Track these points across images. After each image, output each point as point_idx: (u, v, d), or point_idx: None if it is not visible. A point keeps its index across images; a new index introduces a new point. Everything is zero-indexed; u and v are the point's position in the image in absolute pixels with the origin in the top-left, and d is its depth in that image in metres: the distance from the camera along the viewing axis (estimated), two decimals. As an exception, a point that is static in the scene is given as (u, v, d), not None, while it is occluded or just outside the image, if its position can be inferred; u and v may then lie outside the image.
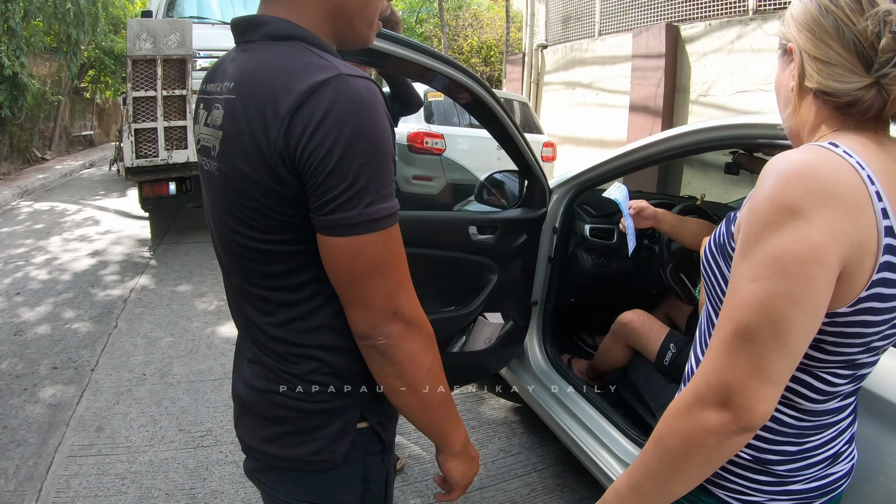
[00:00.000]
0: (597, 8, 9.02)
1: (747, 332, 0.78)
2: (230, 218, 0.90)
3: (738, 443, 0.81)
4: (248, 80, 0.85)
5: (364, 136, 0.79)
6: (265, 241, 0.89)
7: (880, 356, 0.92)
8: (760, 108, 6.08)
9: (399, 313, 0.88)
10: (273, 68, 0.83)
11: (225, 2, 6.94)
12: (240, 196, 0.86)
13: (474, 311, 2.09)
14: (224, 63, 0.97)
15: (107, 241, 6.32)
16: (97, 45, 13.62)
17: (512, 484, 2.52)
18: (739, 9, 6.65)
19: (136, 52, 5.12)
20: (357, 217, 0.80)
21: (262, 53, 0.87)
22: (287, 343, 0.95)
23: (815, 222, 0.75)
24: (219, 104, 0.90)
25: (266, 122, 0.80)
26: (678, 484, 0.88)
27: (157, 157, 5.38)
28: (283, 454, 0.99)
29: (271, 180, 0.82)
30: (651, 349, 2.26)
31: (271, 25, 0.89)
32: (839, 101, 0.84)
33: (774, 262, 0.77)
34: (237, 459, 2.60)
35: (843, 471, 0.99)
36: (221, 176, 0.89)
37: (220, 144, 0.87)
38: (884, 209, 0.78)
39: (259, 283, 0.95)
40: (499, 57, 14.92)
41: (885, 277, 0.79)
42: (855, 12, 0.81)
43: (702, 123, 1.89)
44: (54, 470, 2.54)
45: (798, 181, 0.77)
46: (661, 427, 0.87)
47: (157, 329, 4.05)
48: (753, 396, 0.78)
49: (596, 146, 8.62)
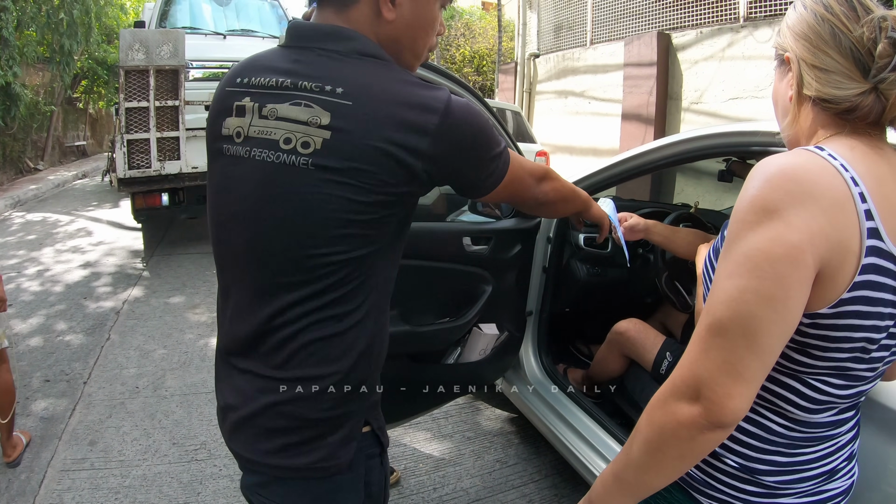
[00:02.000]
0: (588, 17, 9.06)
1: (719, 328, 0.79)
2: (315, 208, 0.93)
3: (711, 439, 0.81)
4: (367, 94, 0.92)
5: (486, 130, 1.02)
6: (343, 238, 0.94)
7: (879, 370, 0.91)
8: (753, 115, 6.11)
9: (544, 178, 1.27)
10: (390, 88, 0.94)
11: (217, 13, 6.94)
12: (346, 189, 0.91)
13: (469, 322, 2.08)
14: (273, 61, 1.00)
15: (99, 253, 6.30)
16: (90, 55, 13.58)
17: (509, 495, 2.51)
18: (730, 16, 6.69)
19: (128, 63, 5.11)
20: (500, 171, 1.08)
21: (367, 70, 0.96)
22: (307, 349, 0.97)
23: (791, 221, 0.76)
24: (305, 102, 0.93)
25: (405, 137, 0.92)
26: (655, 475, 0.88)
27: (149, 168, 5.37)
28: (290, 464, 0.99)
29: (403, 181, 0.94)
30: (647, 358, 2.26)
31: (360, 42, 0.97)
32: (838, 107, 0.85)
33: (747, 260, 0.78)
34: (231, 473, 2.58)
35: (840, 488, 0.98)
36: (320, 170, 0.92)
37: (324, 143, 0.91)
38: (867, 210, 0.78)
39: (299, 286, 0.96)
40: (491, 66, 14.96)
41: (870, 280, 0.79)
42: (850, 19, 0.82)
43: (695, 131, 1.89)
44: (47, 484, 2.51)
45: (777, 182, 0.78)
46: (641, 417, 0.89)
47: (150, 341, 4.03)
48: (723, 392, 0.78)
49: (589, 155, 8.64)
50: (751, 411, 0.93)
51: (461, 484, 2.57)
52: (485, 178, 1.06)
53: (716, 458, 0.96)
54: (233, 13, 7.02)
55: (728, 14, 6.70)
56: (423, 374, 2.12)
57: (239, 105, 1.00)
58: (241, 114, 0.99)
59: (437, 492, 2.51)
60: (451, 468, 2.68)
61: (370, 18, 0.98)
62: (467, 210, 2.45)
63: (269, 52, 1.03)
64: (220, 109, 1.03)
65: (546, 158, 7.45)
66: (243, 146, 0.98)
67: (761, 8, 6.34)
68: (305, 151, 0.92)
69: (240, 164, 0.99)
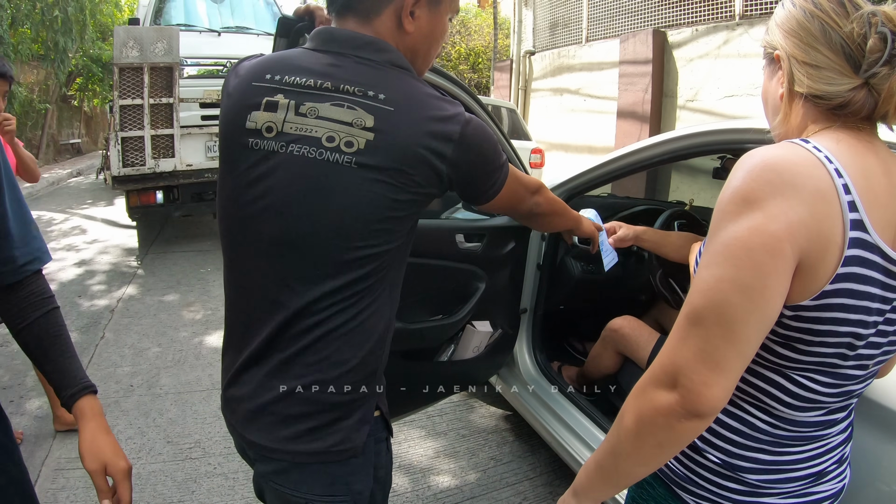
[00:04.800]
0: (584, 14, 9.07)
1: (697, 317, 0.80)
2: (357, 203, 0.99)
3: (689, 428, 0.81)
4: (406, 102, 1.01)
5: (494, 144, 1.11)
6: (380, 232, 1.01)
7: (870, 370, 0.90)
8: (748, 112, 6.11)
9: (538, 192, 1.36)
10: (423, 99, 1.02)
11: (212, 10, 6.93)
12: (386, 188, 0.99)
13: (462, 319, 2.07)
14: (308, 63, 1.04)
15: (94, 251, 6.28)
16: (85, 52, 13.56)
17: (503, 493, 2.51)
18: (726, 14, 6.70)
19: (122, 60, 5.10)
20: (502, 180, 1.16)
21: (402, 80, 1.04)
22: (331, 336, 1.03)
23: (771, 212, 0.76)
24: (349, 104, 0.99)
25: (435, 143, 1.00)
26: (635, 462, 0.88)
27: (144, 166, 5.36)
28: (308, 449, 1.04)
29: (431, 183, 1.02)
30: (641, 355, 2.26)
31: (394, 55, 1.05)
32: (830, 103, 0.85)
33: (725, 249, 0.79)
34: (226, 472, 2.58)
35: (828, 491, 0.97)
36: (363, 169, 0.98)
37: (367, 143, 0.98)
38: (851, 202, 0.78)
39: (340, 273, 1.01)
40: (487, 64, 14.97)
41: (855, 272, 0.79)
42: (840, 16, 0.83)
43: (691, 128, 1.89)
44: (41, 483, 2.51)
45: (759, 173, 0.79)
46: (623, 405, 0.89)
47: (144, 339, 4.02)
48: (699, 380, 0.78)
49: (584, 152, 8.65)
50: (733, 405, 0.93)
51: (455, 481, 2.57)
52: (489, 186, 1.14)
53: (698, 453, 0.96)
54: (227, 10, 7.01)
55: (724, 12, 6.72)
56: (416, 371, 2.11)
57: (270, 101, 1.03)
58: (273, 109, 1.02)
59: (431, 489, 2.51)
60: (446, 465, 2.68)
61: (392, 30, 1.05)
62: (461, 207, 2.44)
63: (298, 53, 1.08)
64: (244, 103, 1.05)
65: (541, 155, 7.45)
66: (276, 141, 1.01)
67: (757, 6, 6.35)
68: (349, 150, 0.98)
69: (272, 158, 1.02)
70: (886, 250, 0.80)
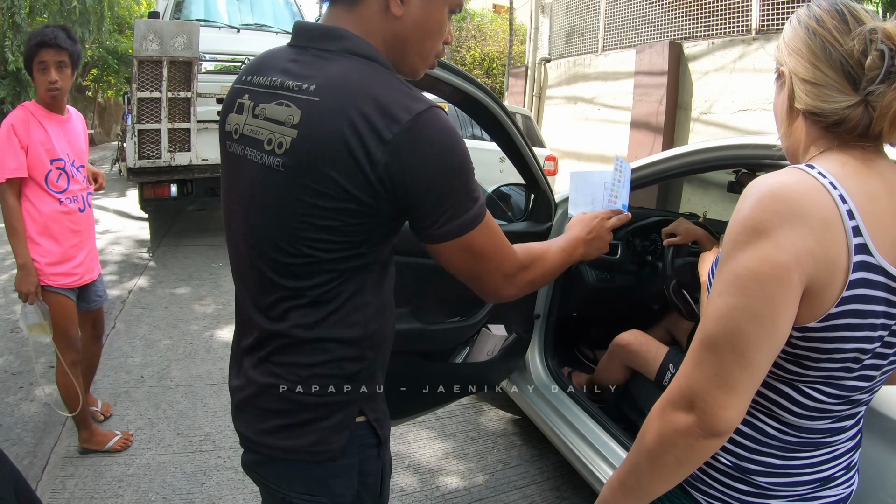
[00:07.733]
0: (600, 24, 9.08)
1: (711, 343, 0.84)
2: (284, 211, 0.93)
3: (707, 446, 0.86)
4: (336, 90, 0.90)
5: (459, 158, 0.92)
6: (315, 241, 0.93)
7: (877, 380, 0.92)
8: (762, 127, 6.12)
9: (521, 271, 1.08)
10: (364, 86, 0.90)
11: (232, 6, 6.97)
12: (307, 192, 0.90)
13: (478, 322, 2.09)
14: (277, 60, 1.01)
15: (105, 241, 6.30)
16: (101, 44, 13.63)
17: (511, 496, 2.52)
18: (743, 28, 6.71)
19: (142, 53, 5.12)
20: (465, 220, 0.94)
21: (346, 67, 0.93)
22: (302, 337, 1.00)
23: (779, 241, 0.79)
24: (286, 101, 0.93)
25: (364, 140, 0.86)
26: (656, 480, 0.93)
27: (159, 159, 5.38)
28: (283, 445, 1.04)
29: (360, 189, 0.88)
30: (650, 369, 2.26)
31: (352, 42, 0.95)
32: (827, 120, 0.87)
33: (736, 279, 0.82)
34: (235, 465, 2.59)
35: (836, 496, 0.99)
36: (288, 172, 0.91)
37: (292, 142, 0.91)
38: (855, 227, 0.80)
39: (290, 279, 0.98)
40: (501, 69, 14.99)
41: (860, 294, 0.81)
42: (841, 33, 0.84)
43: (707, 143, 1.90)
44: (50, 470, 2.53)
45: (767, 202, 0.81)
46: (643, 425, 0.93)
47: (155, 331, 4.04)
48: (715, 403, 0.83)
49: (597, 161, 8.66)
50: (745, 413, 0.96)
51: (464, 483, 2.58)
52: (439, 216, 0.93)
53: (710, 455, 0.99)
54: (247, 7, 7.05)
55: (740, 26, 6.73)
56: (431, 371, 2.13)
57: (240, 102, 1.02)
58: (240, 111, 1.02)
59: (439, 490, 2.52)
60: (454, 467, 2.69)
61: (379, 15, 0.96)
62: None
63: (278, 51, 1.04)
64: (228, 105, 1.07)
65: (555, 163, 7.46)
66: (239, 144, 1.01)
67: (773, 21, 6.36)
68: (279, 152, 0.93)
69: (237, 161, 1.02)
70: (890, 270, 0.82)
